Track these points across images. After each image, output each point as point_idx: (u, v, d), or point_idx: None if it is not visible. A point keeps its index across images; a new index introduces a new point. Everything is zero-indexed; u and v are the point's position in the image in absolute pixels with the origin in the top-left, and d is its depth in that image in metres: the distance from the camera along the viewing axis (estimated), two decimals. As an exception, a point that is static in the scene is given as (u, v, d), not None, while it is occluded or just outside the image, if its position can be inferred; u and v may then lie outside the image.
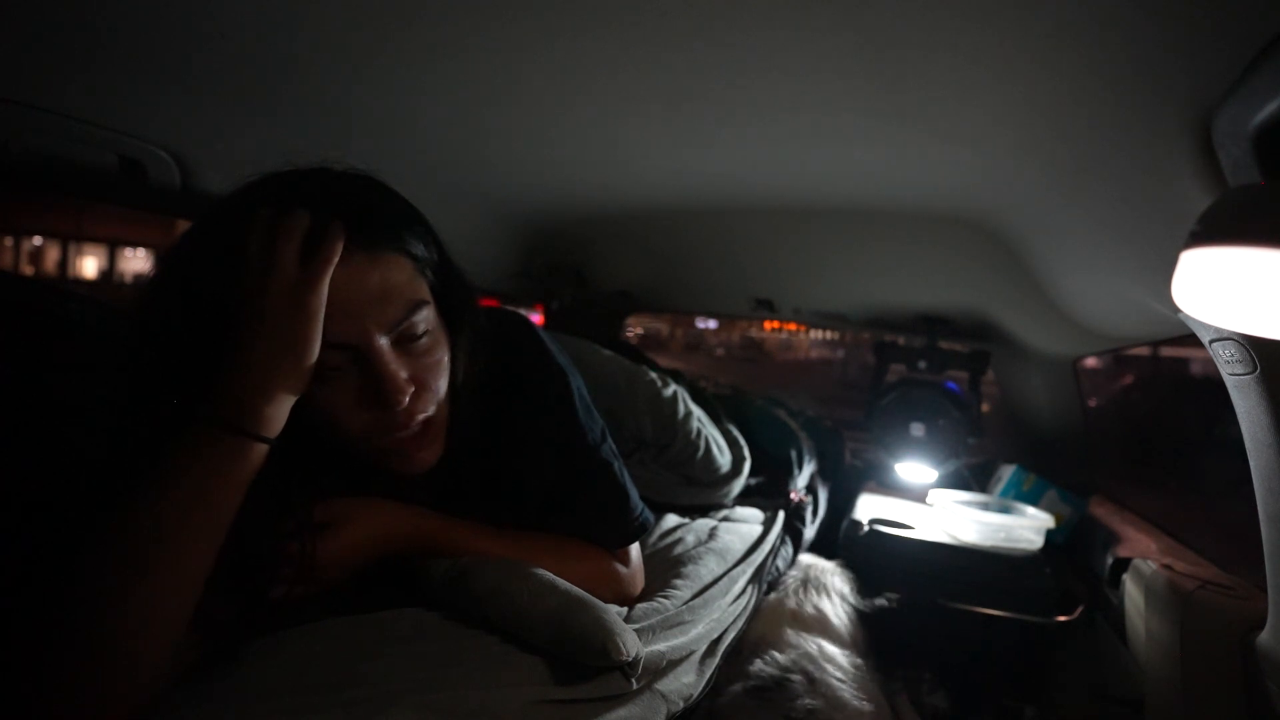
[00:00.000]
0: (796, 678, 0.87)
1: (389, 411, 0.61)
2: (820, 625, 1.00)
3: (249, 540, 0.59)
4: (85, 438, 0.71)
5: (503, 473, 0.78)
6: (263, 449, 0.56)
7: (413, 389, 0.62)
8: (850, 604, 1.11)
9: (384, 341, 0.60)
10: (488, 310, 0.77)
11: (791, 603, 1.06)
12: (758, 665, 0.90)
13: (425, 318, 0.63)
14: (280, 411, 0.56)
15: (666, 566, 0.93)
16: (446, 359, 0.67)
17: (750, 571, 1.03)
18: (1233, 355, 0.71)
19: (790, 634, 0.95)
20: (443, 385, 0.67)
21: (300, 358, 0.56)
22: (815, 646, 0.91)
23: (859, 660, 0.94)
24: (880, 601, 1.14)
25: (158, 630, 0.51)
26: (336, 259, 0.57)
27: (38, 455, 0.69)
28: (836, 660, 0.90)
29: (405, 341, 0.63)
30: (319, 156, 0.66)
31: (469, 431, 0.72)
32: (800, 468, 1.57)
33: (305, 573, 0.62)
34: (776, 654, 0.91)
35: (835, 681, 0.86)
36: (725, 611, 0.89)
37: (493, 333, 0.75)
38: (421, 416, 0.64)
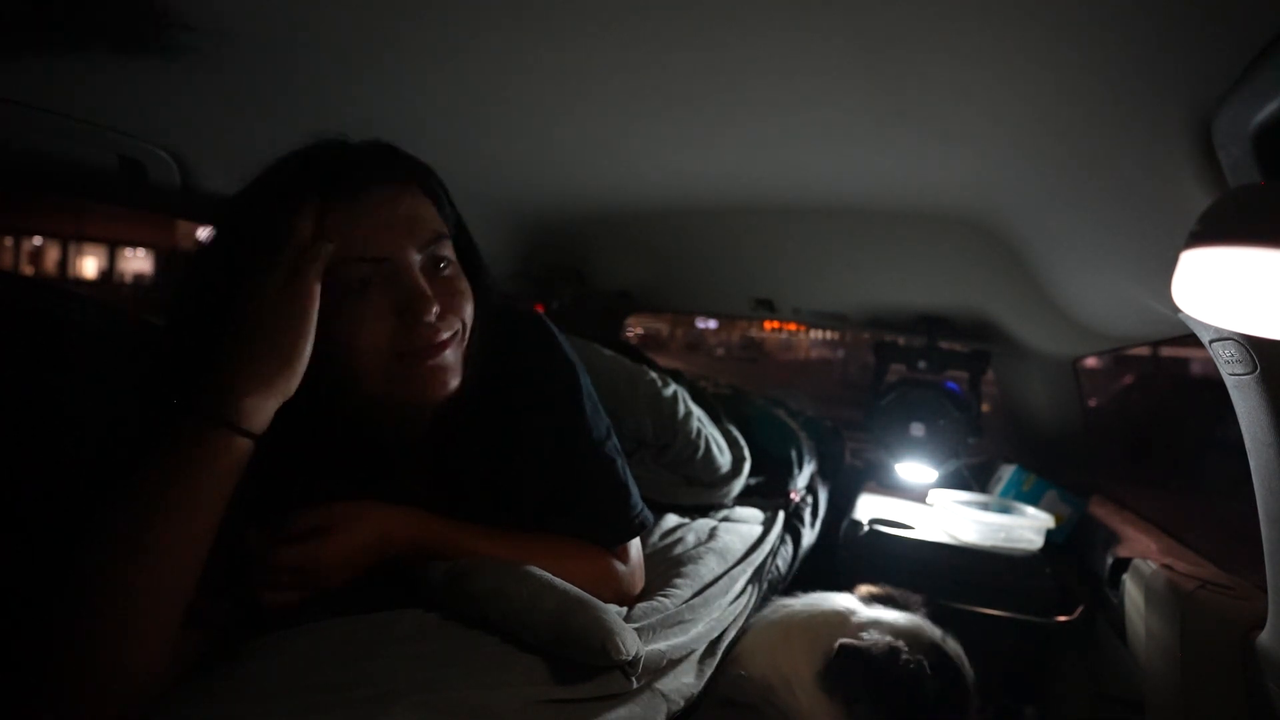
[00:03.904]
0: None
1: (416, 324, 0.63)
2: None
3: (244, 541, 0.59)
4: (85, 437, 0.71)
5: (505, 466, 0.78)
6: (246, 444, 0.56)
7: (438, 308, 0.64)
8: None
9: (415, 258, 0.64)
10: (503, 303, 0.79)
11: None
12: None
13: (449, 252, 0.69)
14: (264, 406, 0.57)
15: (667, 566, 0.93)
16: (469, 293, 0.70)
17: (750, 571, 1.03)
18: (1233, 355, 0.71)
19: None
20: (465, 316, 0.69)
21: (288, 355, 0.57)
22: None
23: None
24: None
25: (147, 627, 0.52)
26: (324, 260, 0.59)
27: (37, 455, 0.69)
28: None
29: (431, 268, 0.67)
30: None
31: (474, 414, 0.74)
32: (800, 468, 1.57)
33: (305, 577, 0.63)
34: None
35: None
36: (725, 611, 0.89)
37: (507, 325, 0.77)
38: (446, 334, 0.66)
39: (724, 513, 1.27)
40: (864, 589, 1.04)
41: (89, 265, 14.17)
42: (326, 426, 0.68)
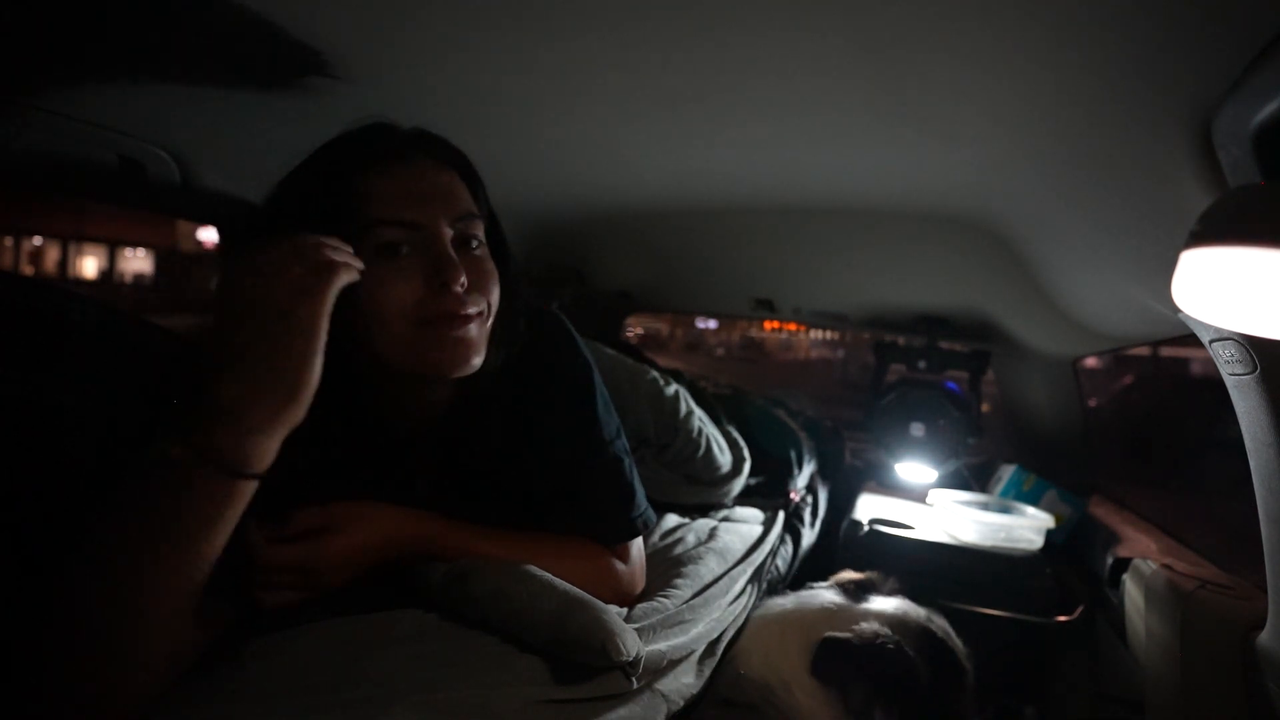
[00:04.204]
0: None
1: (444, 292, 0.64)
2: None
3: (244, 540, 0.59)
4: (85, 438, 0.71)
5: (513, 460, 0.78)
6: (250, 485, 0.53)
7: (465, 280, 0.65)
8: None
9: (447, 230, 0.66)
10: (526, 301, 0.80)
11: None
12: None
13: (480, 233, 0.70)
14: (270, 445, 0.53)
15: (667, 566, 0.93)
16: (496, 275, 0.71)
17: (750, 571, 1.03)
18: (1233, 355, 0.71)
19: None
20: (491, 297, 0.70)
21: (296, 385, 0.52)
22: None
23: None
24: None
25: (146, 635, 0.51)
26: (341, 276, 0.56)
27: (37, 456, 0.69)
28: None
29: (461, 243, 0.68)
30: None
31: (487, 406, 0.74)
32: (800, 468, 1.57)
33: (306, 577, 0.62)
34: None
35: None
36: (725, 611, 0.89)
37: (528, 323, 0.78)
38: (472, 309, 0.67)
39: (724, 513, 1.27)
40: (839, 576, 1.04)
41: (89, 265, 14.17)
42: (335, 415, 0.68)
